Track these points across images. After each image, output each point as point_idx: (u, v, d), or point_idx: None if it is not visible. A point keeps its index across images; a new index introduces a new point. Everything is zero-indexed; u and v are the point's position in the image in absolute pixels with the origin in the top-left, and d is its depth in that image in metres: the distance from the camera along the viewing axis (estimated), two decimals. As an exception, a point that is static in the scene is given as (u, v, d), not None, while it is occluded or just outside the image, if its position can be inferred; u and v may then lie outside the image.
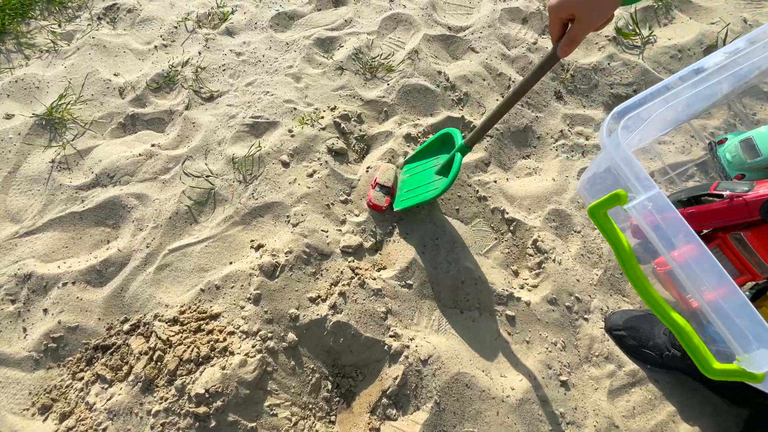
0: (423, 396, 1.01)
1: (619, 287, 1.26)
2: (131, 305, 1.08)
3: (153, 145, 1.37)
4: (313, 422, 1.00)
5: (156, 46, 1.65)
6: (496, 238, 1.29)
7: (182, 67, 1.57)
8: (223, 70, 1.58)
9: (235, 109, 1.45)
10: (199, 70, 1.55)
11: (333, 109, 1.46)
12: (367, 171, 1.33)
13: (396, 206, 1.22)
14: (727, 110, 1.59)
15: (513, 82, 1.59)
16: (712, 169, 1.49)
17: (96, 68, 1.55)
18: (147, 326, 1.03)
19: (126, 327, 1.04)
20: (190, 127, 1.42)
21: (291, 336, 1.04)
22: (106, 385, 0.96)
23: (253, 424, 0.93)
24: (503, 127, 1.50)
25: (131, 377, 0.95)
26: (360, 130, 1.44)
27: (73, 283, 1.10)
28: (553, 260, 1.23)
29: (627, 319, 1.13)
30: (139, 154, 1.33)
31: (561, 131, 1.52)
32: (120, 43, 1.65)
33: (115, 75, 1.56)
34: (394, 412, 1.01)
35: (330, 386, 1.05)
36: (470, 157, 1.42)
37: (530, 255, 1.27)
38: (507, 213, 1.31)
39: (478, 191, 1.34)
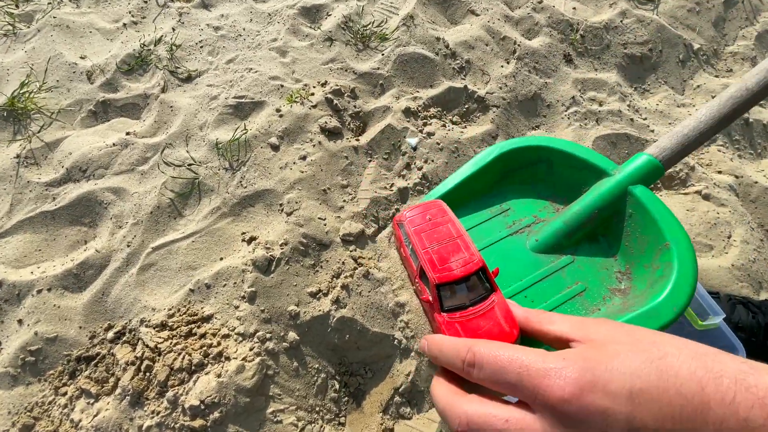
0: (439, 392, 0.93)
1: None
2: (114, 311, 0.99)
3: (128, 134, 1.24)
4: (322, 426, 0.92)
5: (125, 24, 1.50)
6: (508, 217, 1.19)
7: (155, 45, 1.42)
8: (201, 47, 1.44)
9: (217, 90, 1.32)
10: (174, 48, 1.41)
11: (324, 85, 1.33)
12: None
13: None
14: (750, 67, 1.47)
15: (518, 45, 1.46)
16: (735, 132, 1.38)
17: (60, 51, 1.40)
18: (133, 333, 0.94)
19: (110, 335, 0.94)
20: (168, 112, 1.29)
21: (292, 335, 0.96)
22: (92, 400, 0.88)
23: (256, 434, 0.85)
24: (510, 96, 1.37)
25: (118, 390, 0.86)
26: (355, 106, 1.32)
27: (49, 289, 1.00)
28: (572, 238, 1.13)
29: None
30: (113, 144, 1.21)
31: (572, 98, 1.40)
32: (85, 22, 1.50)
33: (81, 58, 1.41)
34: (408, 410, 0.93)
35: (337, 386, 0.97)
36: (474, 131, 1.30)
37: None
38: (519, 189, 1.21)
39: (486, 167, 1.23)
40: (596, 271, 0.50)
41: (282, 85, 1.31)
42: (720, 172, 1.30)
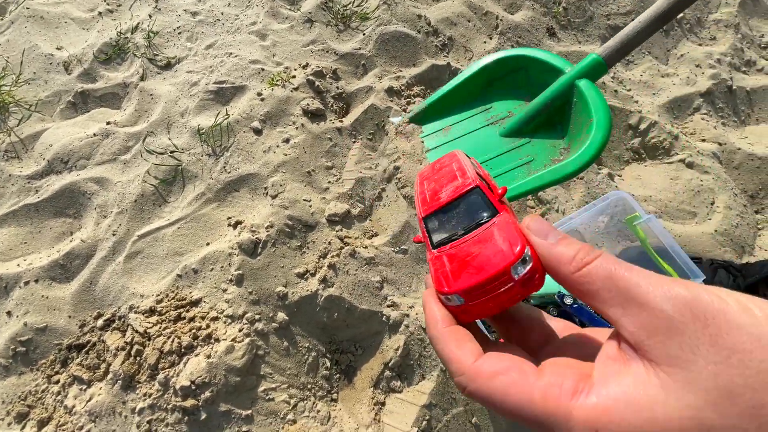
0: (428, 365, 0.95)
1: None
2: (103, 299, 0.99)
3: (108, 123, 1.23)
4: (314, 402, 0.94)
5: (100, 13, 1.47)
6: (493, 193, 1.20)
7: (132, 33, 1.40)
8: (179, 33, 1.41)
9: (196, 76, 1.30)
10: (151, 35, 1.39)
11: (305, 67, 1.32)
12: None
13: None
14: (734, 34, 1.46)
15: (501, 20, 1.44)
16: (719, 100, 1.38)
17: (35, 43, 1.37)
18: (122, 320, 0.95)
19: (100, 323, 0.95)
20: (148, 100, 1.27)
21: (281, 315, 0.96)
22: (85, 386, 0.89)
23: (248, 412, 0.87)
24: (493, 72, 1.37)
25: (110, 375, 0.87)
26: (337, 88, 1.30)
27: (36, 281, 1.00)
28: (556, 210, 1.14)
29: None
30: (94, 135, 1.20)
31: (556, 71, 1.39)
32: (59, 12, 1.46)
33: (57, 49, 1.39)
34: (399, 383, 0.95)
35: (329, 363, 0.98)
36: (460, 108, 1.30)
37: (531, 207, 1.18)
38: (504, 164, 1.21)
39: (470, 144, 1.23)
40: (545, 148, 0.62)
41: (263, 69, 1.30)
42: (703, 140, 1.30)
